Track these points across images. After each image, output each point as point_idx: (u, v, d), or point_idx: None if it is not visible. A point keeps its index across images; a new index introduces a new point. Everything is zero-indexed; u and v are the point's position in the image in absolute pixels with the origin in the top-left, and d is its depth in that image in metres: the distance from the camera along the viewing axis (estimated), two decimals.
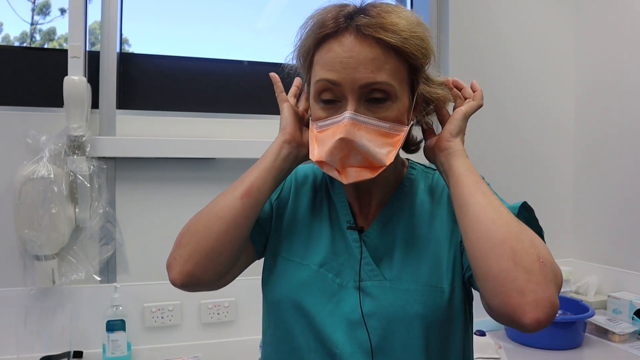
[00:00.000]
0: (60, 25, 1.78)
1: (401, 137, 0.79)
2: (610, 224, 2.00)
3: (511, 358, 1.55)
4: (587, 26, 2.14)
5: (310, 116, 0.84)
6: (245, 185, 0.82)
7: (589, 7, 2.12)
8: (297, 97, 0.93)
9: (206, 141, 1.71)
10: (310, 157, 0.82)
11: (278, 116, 1.99)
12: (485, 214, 0.72)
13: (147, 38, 1.86)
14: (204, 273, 0.81)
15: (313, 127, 0.82)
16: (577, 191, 2.17)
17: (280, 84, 0.91)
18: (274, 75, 0.91)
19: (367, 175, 0.78)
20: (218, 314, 1.71)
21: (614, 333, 1.64)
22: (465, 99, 0.87)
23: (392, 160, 0.77)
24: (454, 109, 0.88)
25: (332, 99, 0.79)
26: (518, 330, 0.68)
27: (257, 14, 2.03)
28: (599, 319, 1.71)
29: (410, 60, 0.78)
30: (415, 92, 0.83)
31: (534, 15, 2.14)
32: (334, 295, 0.84)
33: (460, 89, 0.88)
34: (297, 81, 0.92)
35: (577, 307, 1.73)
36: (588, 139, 2.13)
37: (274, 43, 1.97)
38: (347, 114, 0.76)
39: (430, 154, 0.86)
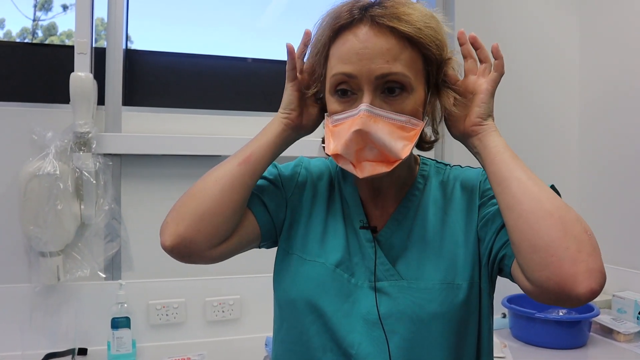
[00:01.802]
0: (61, 21, 1.78)
1: (417, 131, 0.79)
2: (615, 223, 2.00)
3: (516, 357, 1.54)
4: (592, 30, 2.14)
5: (327, 112, 0.84)
6: (244, 154, 0.84)
7: (594, 10, 2.12)
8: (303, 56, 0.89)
9: (211, 138, 1.70)
10: (326, 151, 0.81)
11: None
12: (530, 187, 0.72)
13: (151, 36, 1.86)
14: (196, 234, 0.79)
15: (329, 122, 0.82)
16: (581, 191, 2.17)
17: (294, 59, 0.86)
18: (290, 46, 0.86)
19: (382, 169, 0.77)
20: (223, 311, 1.71)
21: (619, 332, 1.64)
22: (481, 62, 0.84)
23: (407, 154, 0.77)
24: (465, 69, 0.85)
25: (348, 89, 0.79)
26: (566, 302, 0.68)
27: (260, 12, 2.03)
28: (603, 318, 1.71)
29: (424, 51, 0.78)
30: (430, 85, 0.82)
31: (539, 19, 2.14)
32: (350, 295, 0.83)
33: (477, 49, 0.84)
34: (306, 36, 0.87)
35: (582, 307, 1.72)
36: (592, 137, 2.13)
37: (275, 41, 1.97)
38: (363, 106, 0.76)
39: (459, 137, 0.85)
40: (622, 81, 1.98)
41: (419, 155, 0.95)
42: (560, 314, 1.74)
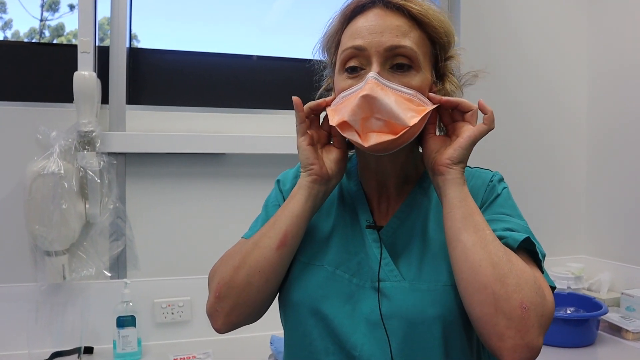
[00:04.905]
0: (68, 21, 1.77)
1: (425, 109, 0.77)
2: (624, 220, 1.98)
3: None
4: (600, 14, 2.11)
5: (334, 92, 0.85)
6: (279, 234, 0.81)
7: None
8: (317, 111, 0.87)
9: (216, 136, 1.70)
10: (330, 123, 0.79)
11: (287, 111, 1.97)
12: (472, 254, 0.71)
13: (155, 34, 1.86)
14: (246, 320, 0.84)
15: (332, 106, 0.82)
16: (589, 187, 2.15)
17: (302, 113, 0.83)
18: (297, 99, 0.83)
19: (389, 137, 0.74)
20: None
21: (627, 331, 1.62)
22: (466, 112, 0.79)
23: (415, 123, 0.74)
24: (454, 116, 0.82)
25: (357, 66, 0.80)
26: None
27: (265, 9, 2.02)
28: (612, 316, 1.69)
29: (432, 34, 0.81)
30: (438, 70, 0.84)
31: (546, 3, 2.12)
32: (352, 296, 0.82)
33: (456, 106, 0.80)
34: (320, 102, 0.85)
35: (590, 305, 1.71)
36: (601, 133, 2.10)
37: (281, 39, 1.96)
38: (371, 74, 0.76)
39: (428, 169, 0.82)
40: (632, 61, 1.95)
41: None
42: (568, 312, 1.72)
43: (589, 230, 2.14)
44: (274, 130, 1.79)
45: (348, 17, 0.83)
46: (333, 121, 0.78)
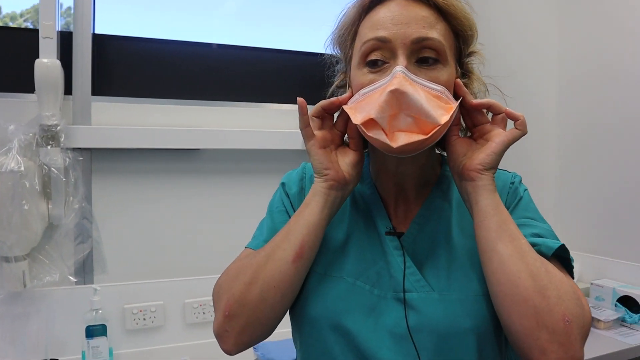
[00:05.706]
0: (5, 2, 1.61)
1: (452, 107, 0.72)
2: (592, 212, 2.04)
3: None
4: (570, 17, 2.16)
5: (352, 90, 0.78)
6: (295, 245, 0.75)
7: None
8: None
9: (189, 131, 1.60)
10: (354, 122, 0.73)
11: (265, 104, 1.88)
12: (510, 265, 0.67)
13: (120, 19, 1.72)
14: (258, 338, 0.78)
15: (349, 104, 0.76)
16: (559, 179, 2.21)
17: (306, 115, 0.77)
18: (301, 101, 0.77)
19: (419, 137, 0.69)
20: (204, 313, 1.63)
21: (599, 320, 1.67)
22: (497, 114, 0.76)
23: (446, 121, 0.69)
24: (479, 119, 0.78)
25: (379, 59, 0.74)
26: None
27: None
28: None
29: (457, 25, 0.77)
30: (462, 66, 0.80)
31: (518, 6, 2.15)
32: (374, 308, 0.77)
33: (486, 107, 0.77)
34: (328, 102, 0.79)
35: None
36: (571, 126, 2.16)
37: (263, 28, 1.87)
38: (398, 67, 0.70)
39: (454, 174, 0.78)
40: (601, 61, 2.00)
41: (441, 154, 0.90)
42: None
43: (558, 222, 2.19)
44: (251, 125, 1.71)
45: (367, 7, 0.77)
46: (357, 119, 0.72)
